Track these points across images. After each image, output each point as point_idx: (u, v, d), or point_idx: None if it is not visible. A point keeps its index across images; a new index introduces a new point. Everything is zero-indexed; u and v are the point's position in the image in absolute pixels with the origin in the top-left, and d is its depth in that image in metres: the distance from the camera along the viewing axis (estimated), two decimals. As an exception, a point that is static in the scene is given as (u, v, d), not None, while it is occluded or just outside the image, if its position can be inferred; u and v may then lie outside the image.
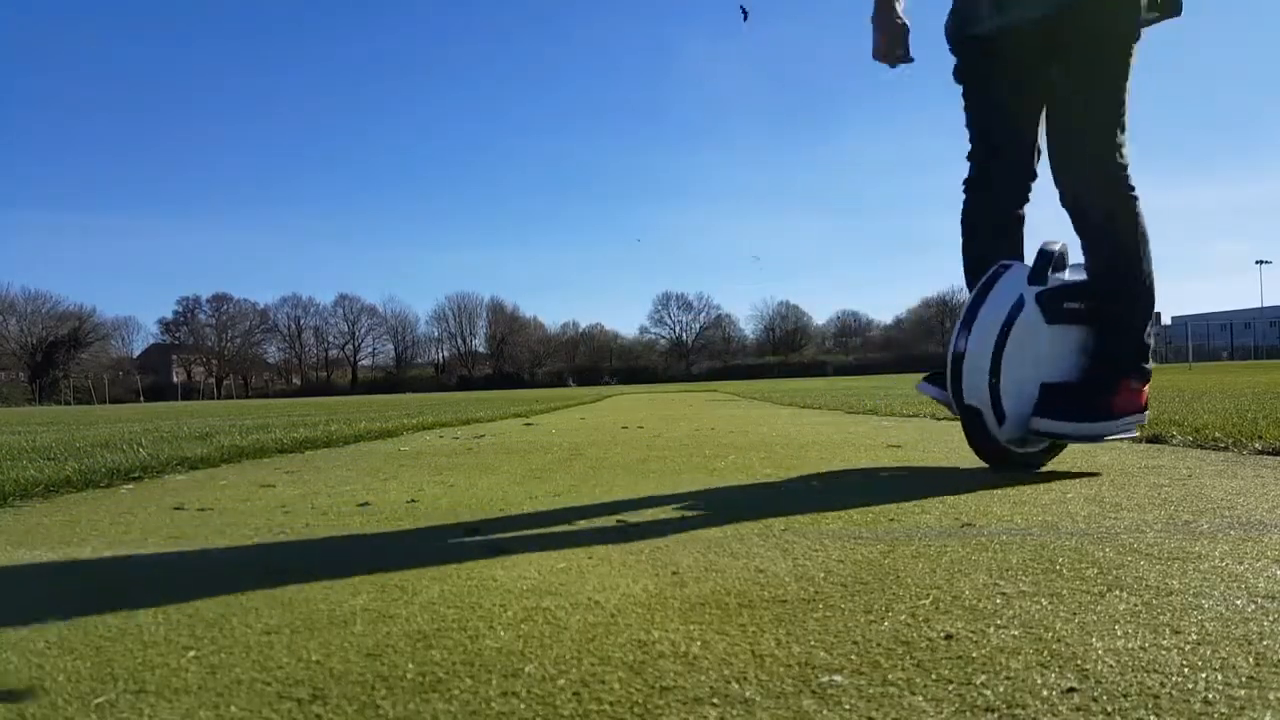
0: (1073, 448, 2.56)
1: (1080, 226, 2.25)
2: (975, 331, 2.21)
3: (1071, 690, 0.78)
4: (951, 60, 2.48)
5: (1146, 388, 2.27)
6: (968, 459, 2.69)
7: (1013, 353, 2.18)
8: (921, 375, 2.65)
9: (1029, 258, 2.32)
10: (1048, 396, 2.20)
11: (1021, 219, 2.44)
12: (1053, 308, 2.21)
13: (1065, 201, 2.26)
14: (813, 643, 0.95)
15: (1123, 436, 2.27)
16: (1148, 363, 2.25)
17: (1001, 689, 0.79)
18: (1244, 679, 0.80)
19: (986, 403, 2.22)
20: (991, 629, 0.97)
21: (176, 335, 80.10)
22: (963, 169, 2.55)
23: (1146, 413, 2.30)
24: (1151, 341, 2.25)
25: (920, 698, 0.78)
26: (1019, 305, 2.19)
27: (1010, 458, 2.37)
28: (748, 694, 0.80)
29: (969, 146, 2.48)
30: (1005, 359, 2.18)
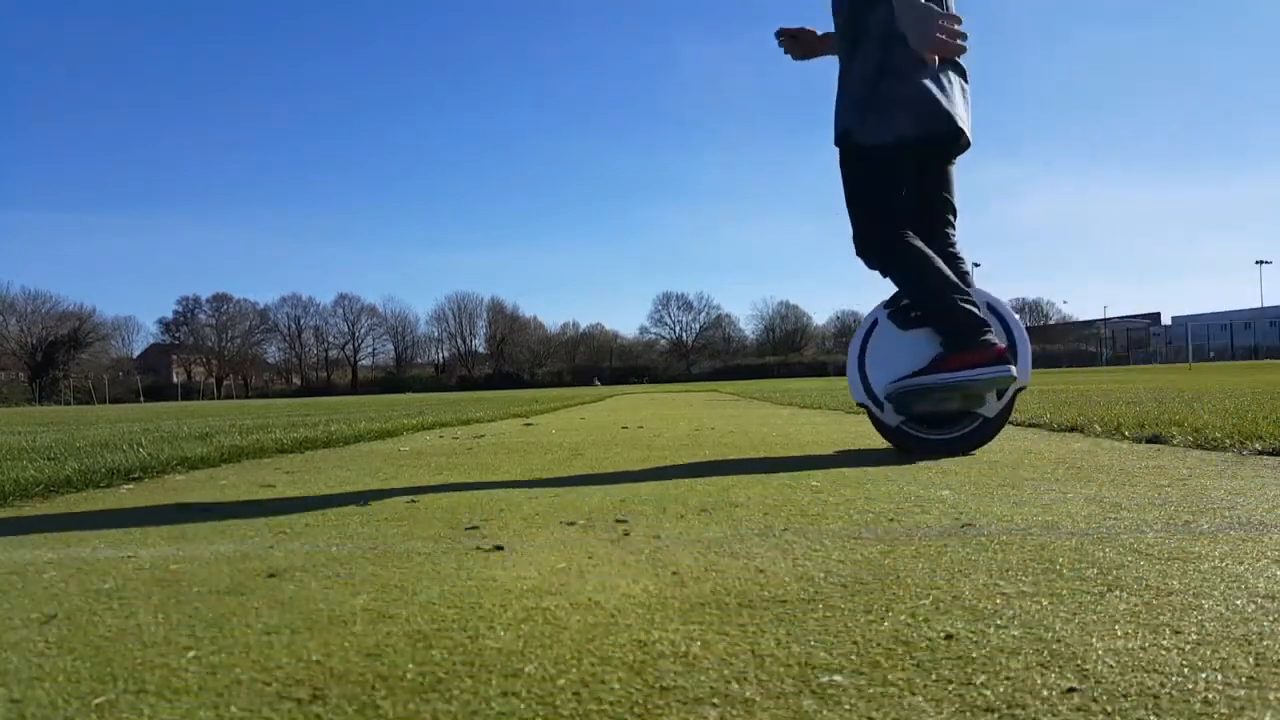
0: (1052, 446, 2.55)
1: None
2: (848, 353, 3.09)
3: (1071, 690, 0.78)
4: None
5: (1001, 346, 2.81)
6: (967, 459, 2.69)
7: (874, 358, 3.00)
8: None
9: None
10: (919, 370, 2.89)
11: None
12: (901, 320, 2.97)
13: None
14: (813, 643, 0.94)
15: (992, 376, 2.78)
16: (987, 333, 2.81)
17: (1001, 689, 0.79)
18: (1244, 679, 0.80)
19: (866, 397, 3.00)
20: (991, 629, 0.97)
21: (176, 335, 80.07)
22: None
23: (1011, 366, 2.81)
24: (977, 316, 2.82)
25: (920, 698, 0.78)
26: (872, 325, 3.03)
27: (909, 443, 2.95)
28: (748, 694, 0.80)
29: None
30: (868, 363, 3.00)
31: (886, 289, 2.98)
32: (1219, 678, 0.81)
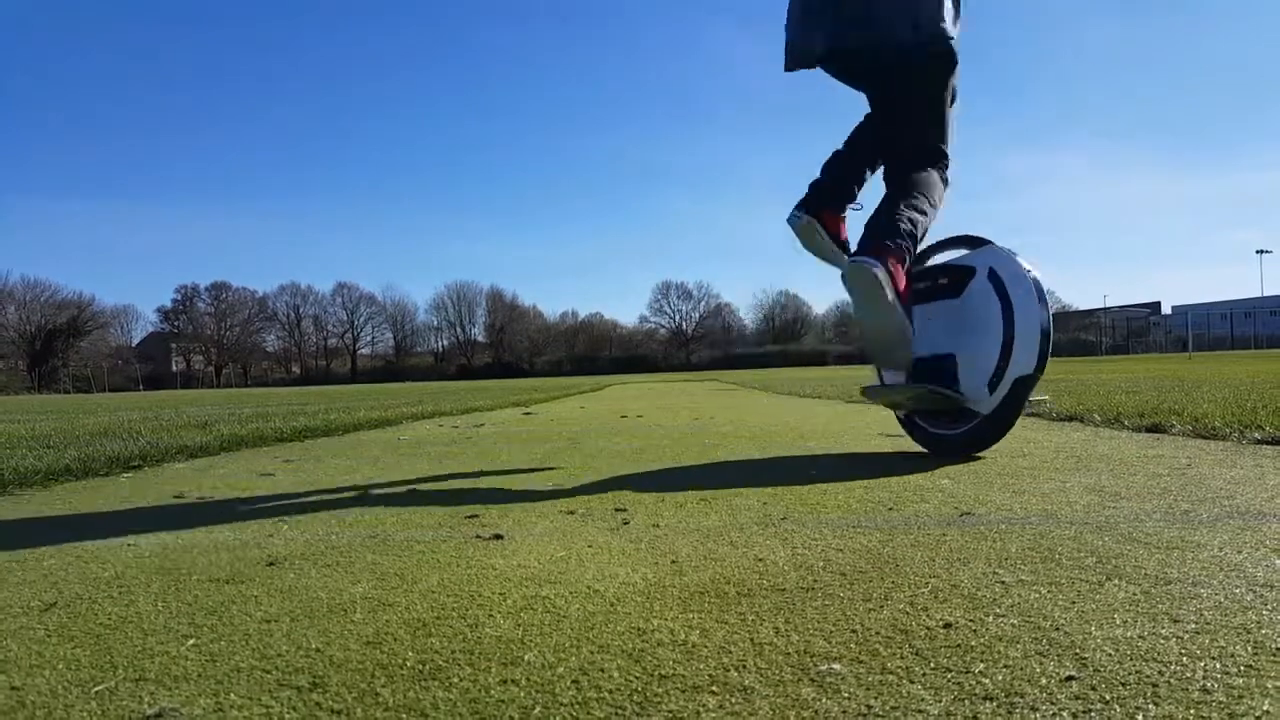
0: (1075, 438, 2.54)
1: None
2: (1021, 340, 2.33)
3: (1070, 679, 0.79)
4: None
5: (892, 251, 2.42)
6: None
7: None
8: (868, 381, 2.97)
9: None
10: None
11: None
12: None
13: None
14: (811, 631, 0.95)
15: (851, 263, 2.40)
16: (893, 237, 2.46)
17: (1000, 677, 0.79)
18: (1242, 667, 0.80)
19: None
20: (990, 617, 0.97)
21: (175, 324, 79.91)
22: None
23: (864, 259, 2.39)
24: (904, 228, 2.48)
25: (919, 686, 0.78)
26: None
27: (916, 435, 2.73)
28: (747, 682, 0.81)
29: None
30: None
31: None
32: (1217, 666, 0.81)
